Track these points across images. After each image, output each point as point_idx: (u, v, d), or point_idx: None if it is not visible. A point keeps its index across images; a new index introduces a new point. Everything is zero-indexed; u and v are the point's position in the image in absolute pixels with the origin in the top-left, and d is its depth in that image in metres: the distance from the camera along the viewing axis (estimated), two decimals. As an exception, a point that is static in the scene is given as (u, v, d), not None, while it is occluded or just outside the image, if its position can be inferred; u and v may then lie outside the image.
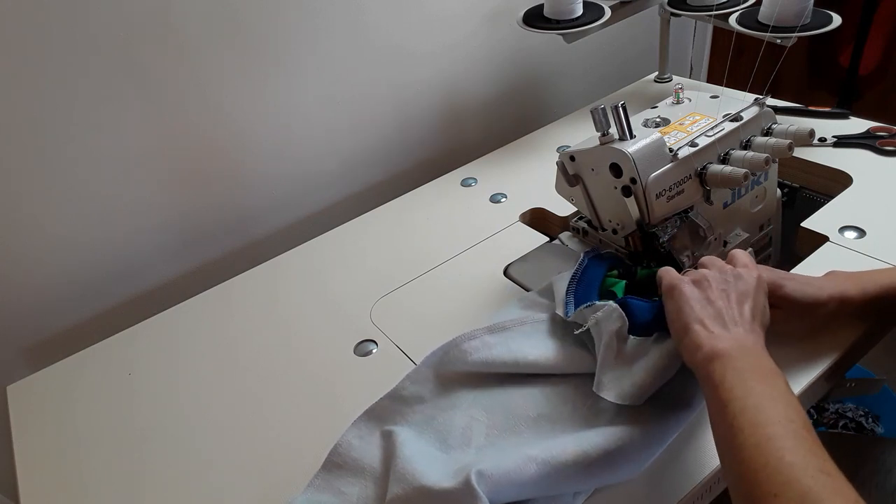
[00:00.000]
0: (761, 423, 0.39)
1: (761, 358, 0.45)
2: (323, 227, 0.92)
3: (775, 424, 0.38)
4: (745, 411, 0.40)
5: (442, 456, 0.54)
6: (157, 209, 0.90)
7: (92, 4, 0.73)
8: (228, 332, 0.77)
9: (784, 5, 0.86)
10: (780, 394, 0.41)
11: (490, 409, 0.57)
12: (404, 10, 0.99)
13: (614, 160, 0.61)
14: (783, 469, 0.36)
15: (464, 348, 0.59)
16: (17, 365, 0.86)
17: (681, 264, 0.67)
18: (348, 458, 0.56)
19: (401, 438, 0.54)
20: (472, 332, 0.61)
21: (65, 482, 0.62)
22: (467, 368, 0.59)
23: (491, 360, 0.58)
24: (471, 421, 0.56)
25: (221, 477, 0.60)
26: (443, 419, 0.57)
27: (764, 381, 0.42)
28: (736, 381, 0.42)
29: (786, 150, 0.62)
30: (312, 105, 0.97)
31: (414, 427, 0.57)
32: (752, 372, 0.43)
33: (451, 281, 0.78)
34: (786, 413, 0.39)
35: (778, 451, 0.37)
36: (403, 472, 0.50)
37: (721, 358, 0.44)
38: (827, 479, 0.35)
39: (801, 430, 0.38)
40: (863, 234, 0.72)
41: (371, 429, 0.58)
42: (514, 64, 1.17)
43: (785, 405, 0.40)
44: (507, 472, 0.48)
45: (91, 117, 0.79)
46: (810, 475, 0.35)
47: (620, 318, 0.54)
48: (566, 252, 0.79)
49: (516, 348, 0.59)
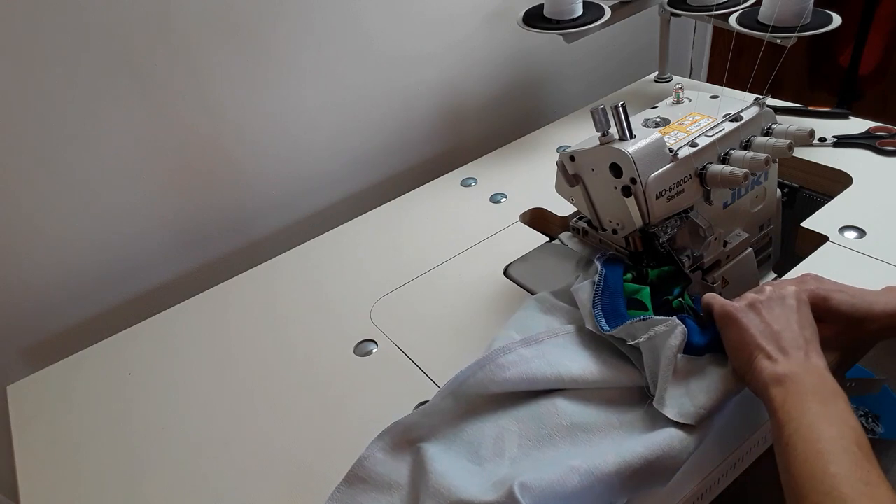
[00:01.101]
0: (813, 439, 0.41)
1: (822, 379, 0.46)
2: (323, 227, 0.92)
3: (826, 441, 0.41)
4: (800, 430, 0.42)
5: (475, 469, 0.52)
6: (157, 210, 0.90)
7: (92, 5, 0.73)
8: (228, 333, 0.77)
9: (784, 5, 0.85)
10: (837, 413, 0.43)
11: (521, 419, 0.55)
12: (405, 11, 0.99)
13: (614, 160, 0.61)
14: (827, 480, 0.38)
15: (500, 363, 0.56)
16: (17, 365, 0.86)
17: (681, 264, 0.67)
18: (373, 472, 0.53)
19: (430, 453, 0.52)
20: (507, 345, 0.58)
21: (65, 482, 0.62)
22: (508, 386, 0.56)
23: (531, 376, 0.56)
24: (502, 431, 0.54)
25: (221, 477, 0.60)
26: (472, 430, 0.55)
27: (821, 402, 0.44)
28: (795, 403, 0.44)
29: (786, 150, 0.62)
30: (312, 105, 0.97)
31: (442, 441, 0.55)
32: (810, 394, 0.44)
33: (451, 281, 0.78)
34: (839, 431, 0.41)
35: (824, 465, 0.39)
36: (438, 487, 0.49)
37: (783, 383, 0.46)
38: (866, 489, 0.37)
39: (851, 446, 0.40)
40: (863, 234, 0.72)
41: (397, 443, 0.56)
42: (514, 64, 1.17)
43: (840, 424, 0.42)
44: (550, 484, 0.47)
45: (91, 118, 0.79)
46: (850, 485, 0.37)
47: (683, 333, 0.53)
48: (566, 252, 0.79)
49: (556, 362, 0.57)
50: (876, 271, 0.67)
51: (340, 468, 0.58)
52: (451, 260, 0.82)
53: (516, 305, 0.68)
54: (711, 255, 0.68)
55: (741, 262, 0.72)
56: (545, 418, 0.55)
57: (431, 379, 0.65)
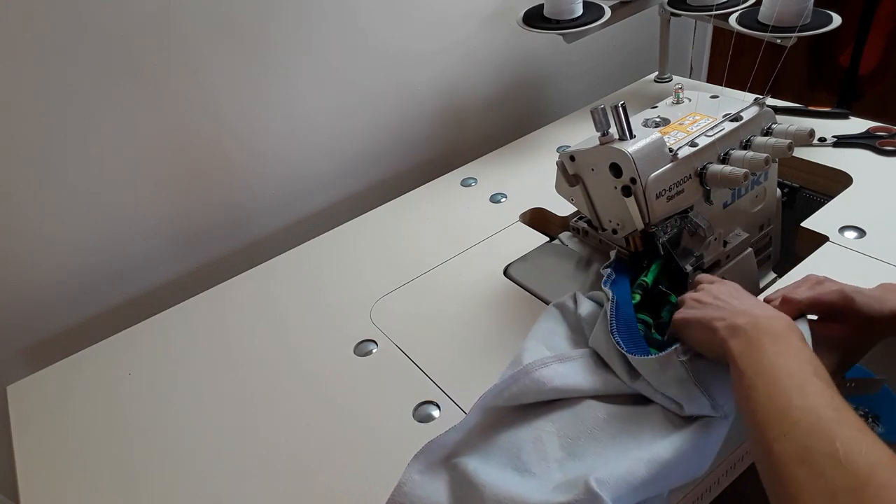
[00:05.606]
0: (773, 378, 0.41)
1: (772, 320, 0.47)
2: (323, 228, 0.92)
3: (786, 377, 0.41)
4: (760, 373, 0.42)
5: (522, 475, 0.51)
6: (156, 210, 0.90)
7: (91, 7, 0.73)
8: (228, 333, 0.77)
9: (784, 5, 0.85)
10: (792, 349, 0.43)
11: (555, 420, 0.54)
12: (405, 11, 0.99)
13: (614, 160, 0.61)
14: (793, 412, 0.38)
15: (536, 377, 0.56)
16: (17, 365, 0.86)
17: (681, 265, 0.67)
18: (414, 497, 0.52)
19: (471, 467, 0.51)
20: (542, 360, 0.57)
21: (65, 482, 0.62)
22: (541, 398, 0.56)
23: (567, 388, 0.56)
24: (539, 433, 0.54)
25: (221, 477, 0.60)
26: (506, 438, 0.54)
27: (775, 342, 0.44)
28: (752, 349, 0.44)
29: (786, 150, 0.62)
30: (313, 106, 0.97)
31: (478, 453, 0.54)
32: (764, 335, 0.45)
33: (451, 281, 0.78)
34: (797, 365, 0.42)
35: (788, 399, 0.39)
36: (498, 498, 0.48)
37: (738, 334, 0.46)
38: (834, 414, 0.37)
39: (811, 378, 0.40)
40: (863, 234, 0.72)
41: (432, 462, 0.54)
42: (513, 64, 1.17)
43: (797, 359, 0.42)
44: (622, 476, 0.47)
45: (90, 118, 0.79)
46: (816, 413, 0.37)
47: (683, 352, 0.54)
48: (566, 252, 0.79)
49: (590, 378, 0.57)
50: (876, 271, 0.67)
51: (340, 468, 0.58)
52: (451, 260, 0.82)
53: (516, 305, 0.68)
54: (711, 255, 0.68)
55: (741, 262, 0.72)
56: (580, 414, 0.55)
57: (431, 379, 0.65)
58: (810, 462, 0.35)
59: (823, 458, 0.35)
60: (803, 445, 0.36)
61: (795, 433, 0.37)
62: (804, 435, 0.37)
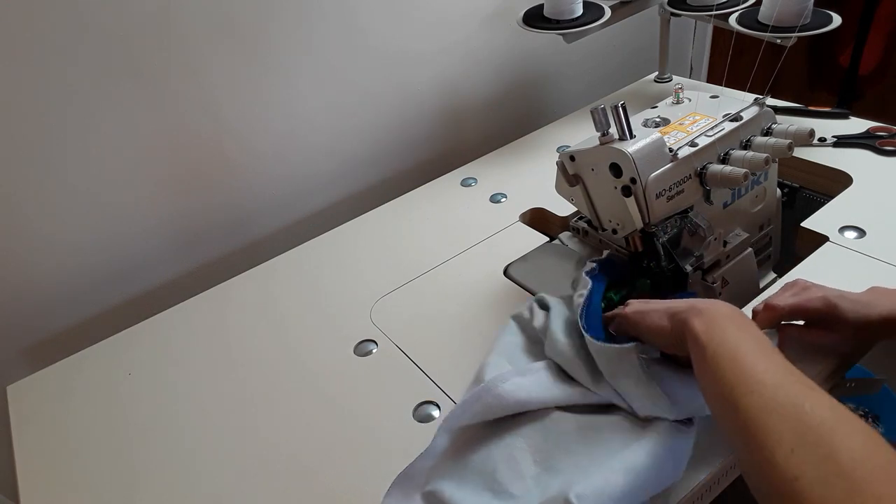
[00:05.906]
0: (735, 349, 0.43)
1: (734, 310, 0.47)
2: (323, 228, 0.92)
3: (749, 349, 0.43)
4: (723, 344, 0.43)
5: (498, 497, 0.51)
6: (156, 210, 0.90)
7: (91, 7, 0.73)
8: (228, 333, 0.77)
9: (784, 5, 0.85)
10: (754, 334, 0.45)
11: (525, 435, 0.54)
12: (405, 11, 0.99)
13: (614, 160, 0.61)
14: (757, 375, 0.40)
15: (498, 393, 0.55)
16: (17, 365, 0.86)
17: (681, 265, 0.67)
18: None
19: (447, 494, 0.51)
20: (502, 375, 0.56)
21: (65, 482, 0.62)
22: (505, 413, 0.55)
23: (528, 400, 0.55)
24: (511, 451, 0.53)
25: (221, 477, 0.60)
26: (478, 459, 0.53)
27: (738, 327, 0.45)
28: (715, 327, 0.45)
29: (786, 150, 0.62)
30: (313, 106, 0.97)
31: (452, 478, 0.53)
32: (727, 319, 0.46)
33: (451, 281, 0.78)
34: (758, 343, 0.43)
35: (751, 366, 0.41)
36: None
37: (702, 314, 0.47)
38: (792, 377, 0.40)
39: (771, 349, 0.43)
40: (863, 234, 0.72)
41: (406, 492, 0.53)
42: (513, 64, 1.17)
43: (759, 339, 0.44)
44: (600, 490, 0.46)
45: (90, 118, 0.79)
46: (779, 374, 0.40)
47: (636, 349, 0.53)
48: (566, 252, 0.79)
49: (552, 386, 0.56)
50: (876, 271, 0.67)
51: (340, 468, 0.58)
52: (451, 260, 0.82)
53: (516, 305, 0.68)
54: (711, 255, 0.68)
55: (741, 263, 0.72)
56: (549, 426, 0.54)
57: (431, 379, 0.65)
58: (778, 411, 0.37)
59: (790, 408, 0.37)
60: (770, 397, 0.38)
61: (762, 389, 0.39)
62: (771, 389, 0.38)
